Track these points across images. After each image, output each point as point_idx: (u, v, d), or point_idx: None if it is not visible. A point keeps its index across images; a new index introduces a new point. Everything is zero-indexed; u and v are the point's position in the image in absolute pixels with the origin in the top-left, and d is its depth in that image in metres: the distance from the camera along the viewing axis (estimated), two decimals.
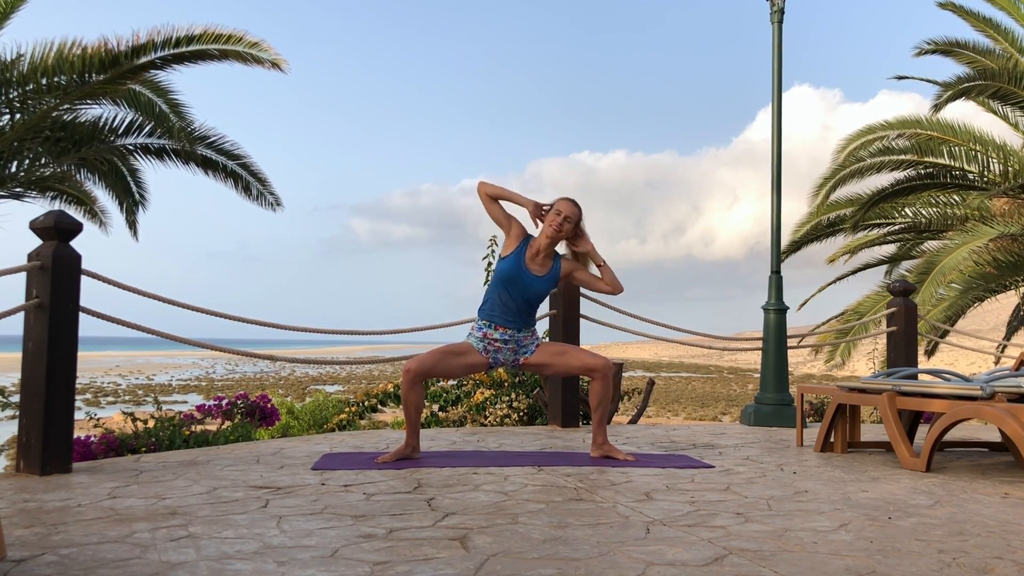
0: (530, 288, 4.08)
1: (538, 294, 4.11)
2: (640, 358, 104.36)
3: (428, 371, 4.03)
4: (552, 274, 4.13)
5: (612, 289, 4.18)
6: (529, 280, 4.08)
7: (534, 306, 4.15)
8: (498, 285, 4.10)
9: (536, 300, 4.13)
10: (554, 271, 4.14)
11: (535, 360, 4.15)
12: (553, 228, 4.04)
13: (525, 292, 4.07)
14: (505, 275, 4.08)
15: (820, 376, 49.01)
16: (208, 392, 37.53)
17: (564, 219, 4.04)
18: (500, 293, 4.08)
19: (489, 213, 4.16)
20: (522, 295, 4.07)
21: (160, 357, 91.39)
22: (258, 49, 7.32)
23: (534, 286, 4.09)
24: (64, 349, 3.60)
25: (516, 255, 4.10)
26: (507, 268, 4.08)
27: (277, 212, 10.04)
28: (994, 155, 9.75)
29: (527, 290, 4.08)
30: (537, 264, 4.10)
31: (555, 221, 4.04)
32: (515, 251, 4.11)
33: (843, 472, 4.01)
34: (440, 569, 2.18)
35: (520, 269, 4.08)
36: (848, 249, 11.86)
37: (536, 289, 4.09)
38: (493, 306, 4.10)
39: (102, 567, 2.17)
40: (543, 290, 4.12)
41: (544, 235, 4.09)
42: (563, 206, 4.07)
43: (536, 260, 4.10)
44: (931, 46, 10.33)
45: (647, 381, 8.35)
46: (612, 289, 4.18)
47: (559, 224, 4.04)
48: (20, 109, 7.51)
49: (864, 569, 2.25)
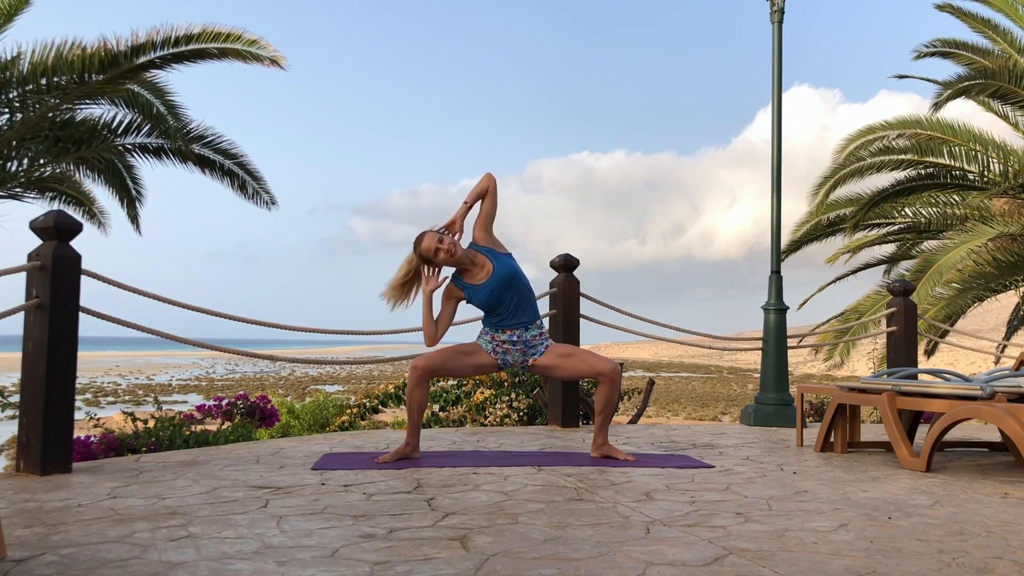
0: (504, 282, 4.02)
1: (513, 277, 4.04)
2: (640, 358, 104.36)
3: (436, 369, 4.03)
4: (496, 258, 4.07)
5: (486, 182, 4.16)
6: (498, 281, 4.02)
7: (527, 292, 4.11)
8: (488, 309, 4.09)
9: (523, 286, 4.09)
10: (492, 256, 4.09)
11: (544, 362, 4.13)
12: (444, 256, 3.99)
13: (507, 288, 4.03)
14: (485, 302, 4.05)
15: (820, 376, 49.03)
16: (208, 392, 37.53)
17: (436, 250, 3.99)
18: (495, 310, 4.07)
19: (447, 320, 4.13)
20: (511, 292, 4.04)
21: (160, 357, 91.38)
22: (257, 47, 7.32)
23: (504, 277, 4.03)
24: (64, 349, 3.60)
25: (470, 288, 4.07)
26: (481, 297, 4.05)
27: (276, 211, 10.05)
28: (994, 155, 9.76)
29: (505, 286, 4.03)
30: (482, 272, 4.06)
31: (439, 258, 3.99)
32: (468, 288, 4.08)
33: (843, 472, 4.01)
34: (440, 569, 2.18)
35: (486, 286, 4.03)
36: (848, 249, 11.86)
37: (507, 276, 4.03)
38: (493, 318, 4.09)
39: (102, 567, 2.17)
40: (511, 271, 4.05)
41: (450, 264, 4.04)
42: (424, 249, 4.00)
43: (474, 274, 4.07)
44: (930, 48, 10.33)
45: (647, 381, 8.36)
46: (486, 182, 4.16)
47: (443, 256, 3.99)
48: (20, 109, 7.51)
49: (864, 569, 2.25)
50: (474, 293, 4.06)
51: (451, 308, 4.15)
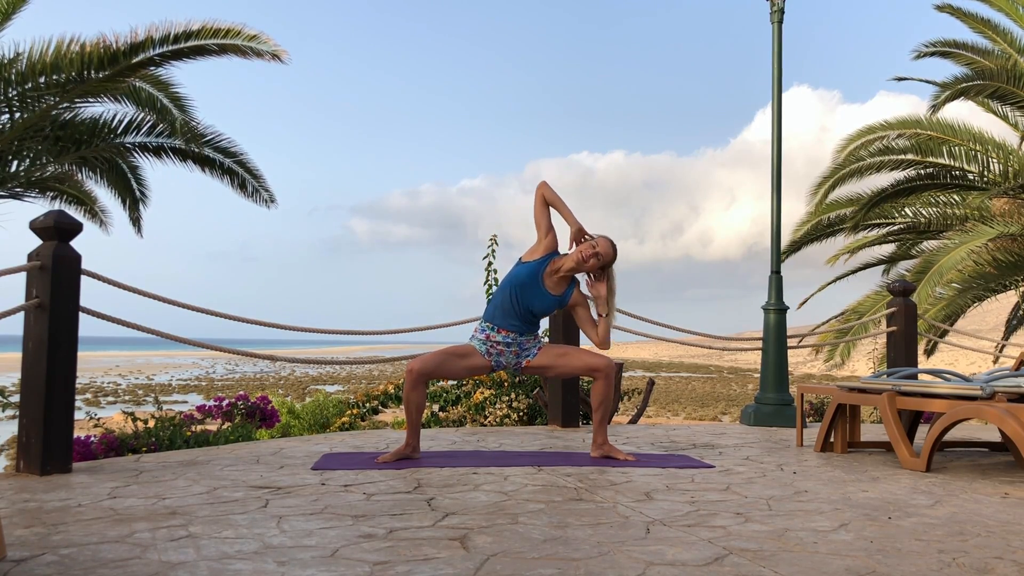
0: (536, 300, 4.09)
1: (542, 309, 4.13)
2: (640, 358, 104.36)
3: (431, 372, 4.04)
4: (562, 297, 4.15)
5: (600, 342, 4.18)
6: (539, 293, 4.09)
7: (537, 318, 4.16)
8: (508, 286, 4.10)
9: (539, 314, 4.15)
10: (565, 295, 4.16)
11: (537, 363, 4.15)
12: (582, 256, 4.06)
13: (530, 303, 4.08)
14: (519, 279, 4.09)
15: (820, 376, 49.03)
16: (208, 392, 37.53)
17: (595, 254, 4.06)
18: (508, 295, 4.08)
19: (535, 214, 4.17)
20: (527, 304, 4.08)
21: (160, 357, 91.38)
22: (257, 42, 7.31)
23: (541, 300, 4.10)
24: (64, 349, 3.60)
25: (537, 264, 4.11)
26: (523, 273, 4.10)
27: (276, 211, 10.04)
28: (994, 155, 9.75)
29: (533, 301, 4.09)
30: (552, 282, 4.12)
31: (587, 251, 4.06)
32: (538, 260, 4.12)
33: (843, 472, 4.01)
34: (440, 569, 2.18)
35: (535, 279, 4.09)
36: (848, 249, 11.86)
37: (542, 304, 4.11)
38: (497, 308, 4.11)
39: (102, 567, 2.17)
40: (548, 307, 4.13)
41: (571, 258, 4.10)
42: (602, 242, 4.09)
43: (553, 277, 4.12)
44: (929, 48, 10.32)
45: (647, 381, 8.36)
46: (600, 342, 4.18)
47: (589, 255, 4.05)
48: (20, 108, 7.50)
49: (864, 569, 2.25)
50: (532, 268, 4.12)
51: (549, 220, 4.21)
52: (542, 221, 4.17)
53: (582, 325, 4.24)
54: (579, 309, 4.21)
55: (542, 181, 4.19)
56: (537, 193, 4.18)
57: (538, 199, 4.17)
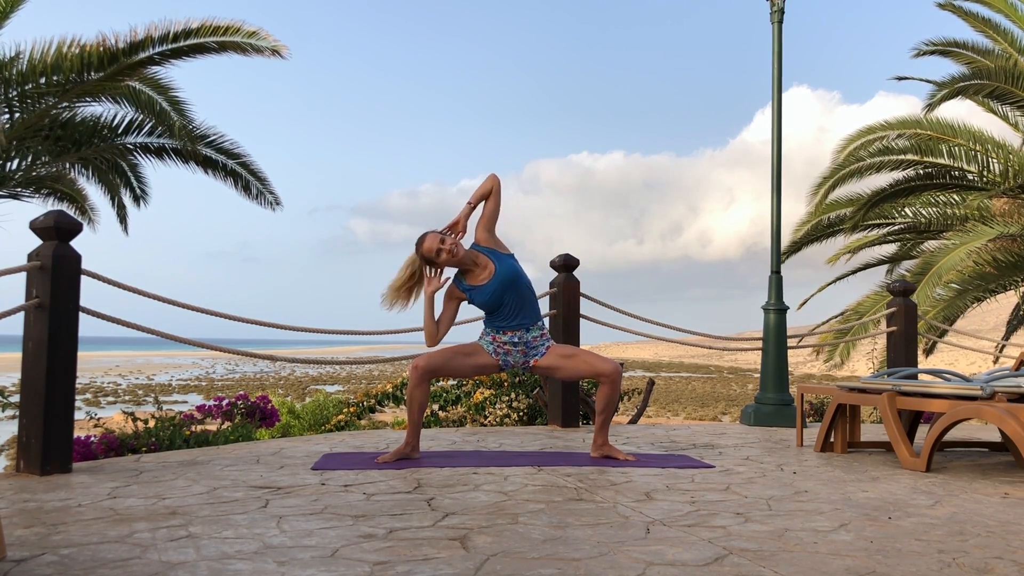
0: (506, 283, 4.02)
1: (514, 278, 4.04)
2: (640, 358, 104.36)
3: (437, 369, 4.02)
4: (498, 259, 4.06)
5: (490, 183, 4.13)
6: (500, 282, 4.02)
7: (529, 293, 4.10)
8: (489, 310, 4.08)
9: (524, 287, 4.08)
10: (494, 257, 4.07)
11: (545, 363, 4.12)
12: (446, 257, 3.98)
13: (509, 289, 4.02)
14: (487, 303, 4.04)
15: (820, 376, 49.03)
16: (208, 392, 37.53)
17: (438, 251, 3.98)
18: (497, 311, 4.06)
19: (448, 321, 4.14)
20: (512, 293, 4.03)
21: (160, 357, 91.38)
22: (257, 38, 7.30)
23: (506, 278, 4.02)
24: (64, 349, 3.60)
25: (471, 290, 4.06)
26: (483, 297, 4.04)
27: (277, 212, 10.04)
28: (994, 155, 9.75)
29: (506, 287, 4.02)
30: (484, 273, 4.05)
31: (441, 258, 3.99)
32: (470, 288, 4.07)
33: (843, 472, 4.01)
34: (440, 569, 2.18)
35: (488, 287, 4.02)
36: (848, 249, 11.86)
37: (508, 277, 4.02)
38: (494, 319, 4.09)
39: (102, 567, 2.17)
40: (512, 272, 4.04)
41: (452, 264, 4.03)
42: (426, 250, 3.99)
43: (476, 275, 4.06)
44: (929, 47, 10.32)
45: (647, 381, 8.36)
46: (490, 183, 4.13)
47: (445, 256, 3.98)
48: (19, 108, 7.51)
49: (864, 569, 2.25)
50: (476, 294, 4.06)
51: (452, 309, 4.15)
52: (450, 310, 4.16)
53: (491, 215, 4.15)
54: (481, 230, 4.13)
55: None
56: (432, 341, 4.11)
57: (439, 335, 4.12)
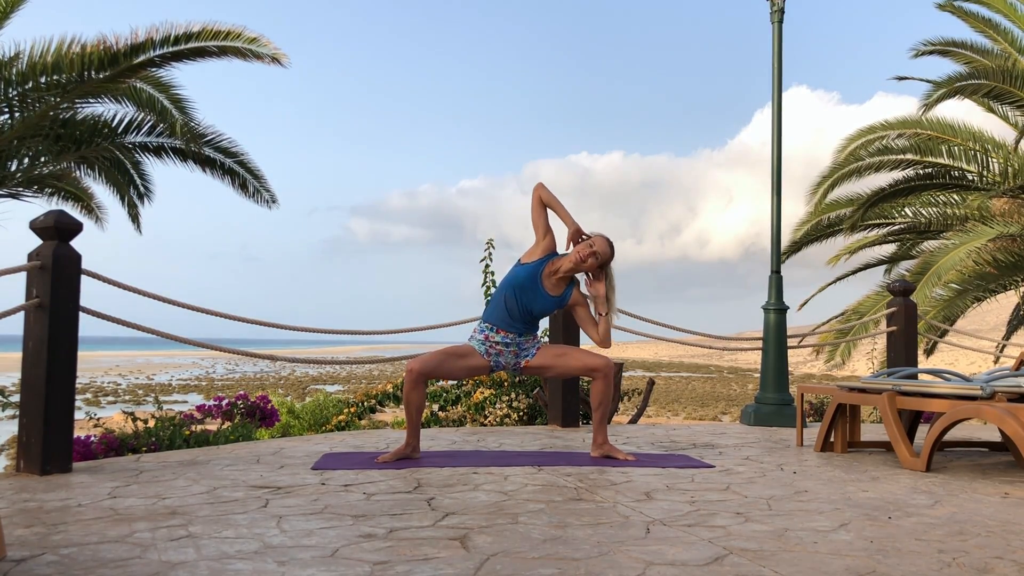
0: (536, 301, 4.10)
1: (542, 310, 4.13)
2: (640, 358, 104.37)
3: (431, 372, 4.04)
4: (561, 297, 4.15)
5: (601, 341, 4.18)
6: (538, 294, 4.09)
7: (536, 319, 4.17)
8: (508, 288, 4.11)
9: (539, 315, 4.15)
10: (564, 295, 4.16)
11: (536, 363, 4.15)
12: (580, 256, 4.06)
13: (530, 304, 4.09)
14: (518, 281, 4.09)
15: (820, 376, 49.02)
16: (208, 392, 37.53)
17: (593, 253, 4.06)
18: (507, 296, 4.09)
19: (533, 215, 4.18)
20: (527, 305, 4.08)
21: (160, 357, 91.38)
22: (257, 44, 7.31)
23: (540, 301, 4.10)
24: (64, 349, 3.60)
25: (536, 265, 4.12)
26: (522, 275, 4.10)
27: (276, 212, 10.04)
28: (994, 155, 9.75)
29: (533, 302, 4.09)
30: (551, 283, 4.12)
31: (585, 251, 4.06)
32: (537, 261, 4.13)
33: (843, 472, 4.01)
34: (440, 569, 2.18)
35: (534, 280, 4.09)
36: (848, 250, 11.85)
37: (541, 305, 4.11)
38: (496, 308, 4.11)
39: (102, 567, 2.17)
40: (547, 308, 4.14)
41: (569, 259, 4.10)
42: (599, 242, 4.10)
43: (551, 278, 4.12)
44: (928, 47, 10.32)
45: (647, 381, 8.36)
46: (601, 341, 4.18)
47: (587, 255, 4.05)
48: (20, 107, 7.51)
49: (864, 569, 2.25)
50: (531, 270, 4.12)
51: (546, 221, 4.21)
52: (540, 222, 4.17)
53: (583, 324, 4.24)
54: (579, 309, 4.21)
55: (539, 183, 4.19)
56: (534, 195, 4.19)
57: (535, 201, 4.17)
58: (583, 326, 4.25)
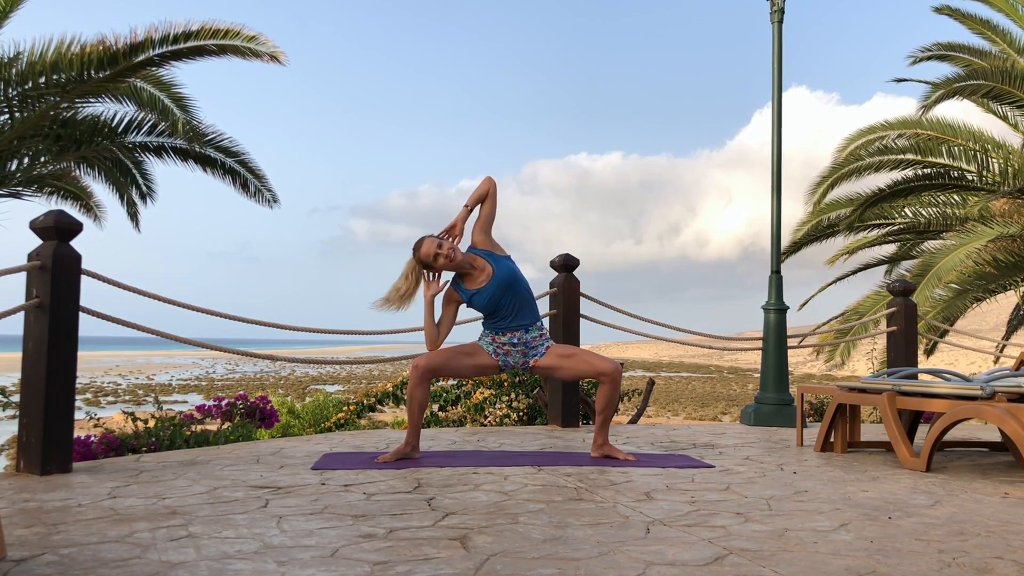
0: (504, 284, 4.02)
1: (512, 279, 4.05)
2: (640, 358, 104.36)
3: (437, 369, 4.02)
4: (496, 261, 4.07)
5: (487, 186, 4.14)
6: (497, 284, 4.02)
7: (527, 294, 4.11)
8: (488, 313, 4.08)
9: (522, 288, 4.08)
10: (491, 259, 4.08)
11: (545, 363, 4.13)
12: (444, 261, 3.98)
13: (507, 291, 4.03)
14: (485, 305, 4.05)
15: (820, 376, 49.02)
16: (208, 392, 37.53)
17: (436, 255, 3.98)
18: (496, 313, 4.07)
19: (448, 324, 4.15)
20: (510, 295, 4.04)
21: (160, 357, 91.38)
22: (256, 43, 7.31)
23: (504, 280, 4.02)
24: (64, 349, 3.60)
25: (469, 292, 4.06)
26: (481, 300, 4.04)
27: (276, 211, 10.04)
28: (994, 155, 9.75)
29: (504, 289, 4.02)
30: (481, 276, 4.06)
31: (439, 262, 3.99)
32: (468, 291, 4.07)
33: (843, 472, 4.01)
34: (440, 569, 2.18)
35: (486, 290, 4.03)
36: (847, 250, 11.86)
37: (506, 279, 4.03)
38: (493, 321, 4.09)
39: (102, 567, 2.17)
40: (510, 273, 4.05)
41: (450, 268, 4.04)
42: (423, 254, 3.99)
43: (474, 278, 4.07)
44: (926, 53, 10.32)
45: (647, 381, 8.36)
46: (487, 186, 4.14)
47: (442, 260, 3.98)
48: (20, 107, 7.51)
49: (864, 569, 2.25)
50: (474, 297, 4.06)
51: (452, 312, 4.16)
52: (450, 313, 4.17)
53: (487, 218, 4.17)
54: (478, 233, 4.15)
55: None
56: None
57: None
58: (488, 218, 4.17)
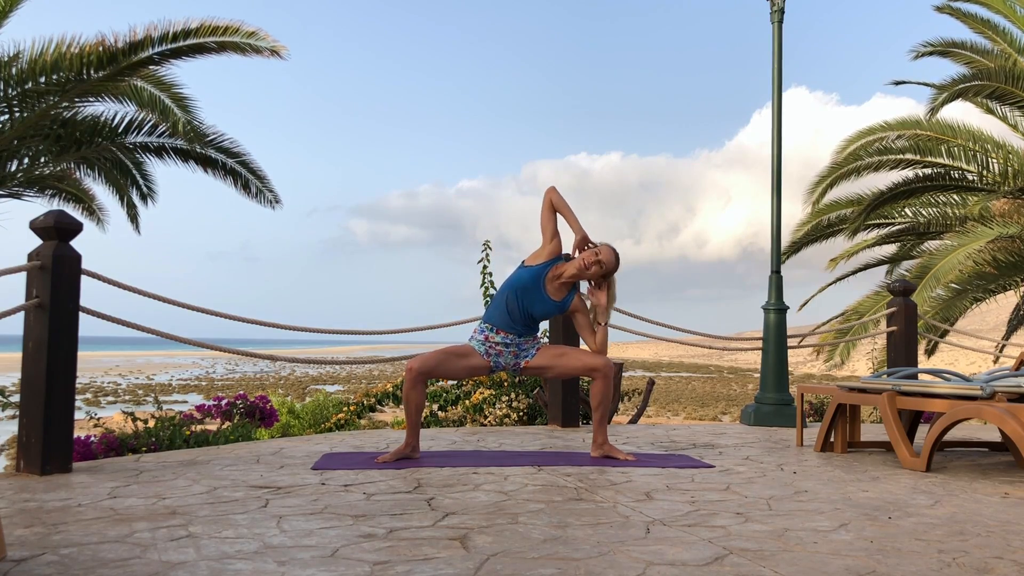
0: (536, 305, 4.11)
1: (542, 313, 4.14)
2: (640, 358, 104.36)
3: (430, 371, 4.04)
4: (563, 303, 4.16)
5: (598, 349, 4.18)
6: (539, 298, 4.10)
7: (536, 321, 4.18)
8: (509, 289, 4.12)
9: (539, 317, 4.16)
10: (565, 301, 4.16)
11: (536, 363, 4.16)
12: (584, 263, 4.06)
13: (531, 307, 4.10)
14: (520, 283, 4.10)
15: (820, 376, 49.02)
16: (208, 392, 37.53)
17: (598, 261, 4.06)
18: (508, 298, 4.10)
19: (542, 218, 4.20)
20: (527, 308, 4.09)
21: (160, 357, 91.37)
22: (256, 38, 7.30)
23: (541, 305, 4.11)
24: (64, 349, 3.60)
25: (540, 269, 4.13)
26: (525, 277, 4.11)
27: (276, 211, 10.03)
28: (994, 155, 9.74)
29: (533, 305, 4.10)
30: (554, 287, 4.13)
31: (590, 259, 4.07)
32: (541, 265, 4.14)
33: (843, 472, 4.01)
34: (440, 569, 2.18)
35: (537, 283, 4.10)
36: (847, 253, 11.87)
37: (542, 309, 4.12)
38: (496, 309, 4.12)
39: (102, 567, 2.17)
40: (548, 312, 4.15)
41: (574, 265, 4.11)
42: (605, 251, 4.10)
43: (554, 283, 4.13)
44: (928, 48, 10.31)
45: (647, 381, 8.36)
46: (598, 349, 4.18)
47: (591, 263, 4.06)
48: (19, 107, 7.50)
49: (864, 569, 2.25)
50: (534, 273, 4.13)
51: (554, 225, 4.22)
52: (548, 226, 4.18)
53: (581, 331, 4.25)
54: (579, 315, 4.22)
55: (551, 187, 4.21)
56: (545, 198, 4.21)
57: (546, 204, 4.19)
58: (581, 333, 4.25)
